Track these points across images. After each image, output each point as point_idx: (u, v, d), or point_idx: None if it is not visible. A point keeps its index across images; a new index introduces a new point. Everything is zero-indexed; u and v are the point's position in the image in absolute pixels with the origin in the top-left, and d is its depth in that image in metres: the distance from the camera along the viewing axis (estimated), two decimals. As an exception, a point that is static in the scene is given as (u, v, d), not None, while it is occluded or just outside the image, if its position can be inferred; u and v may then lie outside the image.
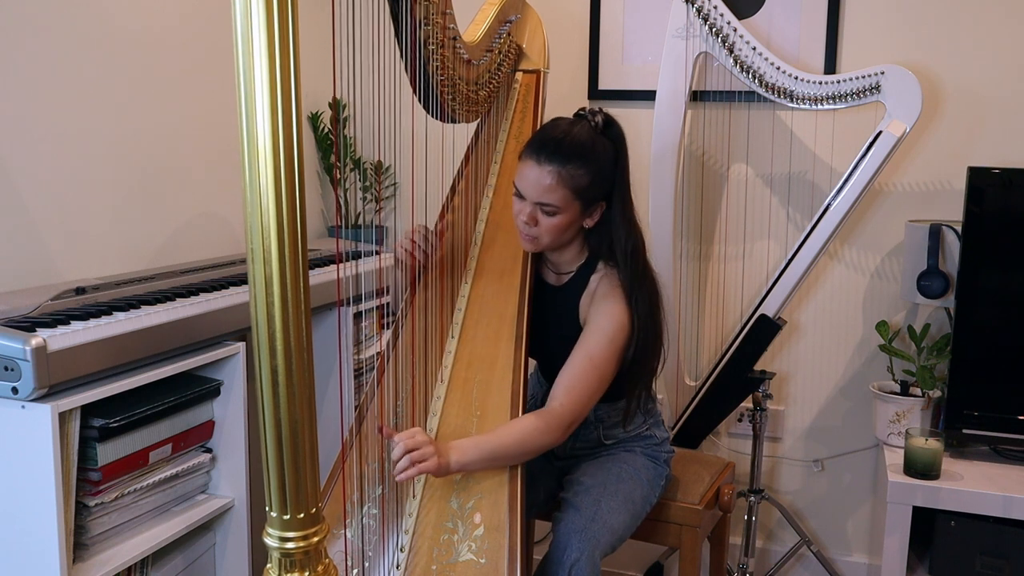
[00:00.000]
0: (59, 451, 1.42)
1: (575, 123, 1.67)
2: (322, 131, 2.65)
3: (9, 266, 1.73)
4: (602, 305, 1.66)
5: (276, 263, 0.92)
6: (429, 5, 1.58)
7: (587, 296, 1.70)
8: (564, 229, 1.67)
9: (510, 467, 1.55)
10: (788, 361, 2.54)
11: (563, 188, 1.61)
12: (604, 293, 1.67)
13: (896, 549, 2.08)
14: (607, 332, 1.63)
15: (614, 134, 1.68)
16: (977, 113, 2.30)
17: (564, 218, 1.65)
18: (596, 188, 1.65)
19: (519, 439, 1.54)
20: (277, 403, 0.97)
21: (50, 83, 1.80)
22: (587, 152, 1.62)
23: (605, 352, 1.62)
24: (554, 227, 1.65)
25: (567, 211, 1.64)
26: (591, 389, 1.62)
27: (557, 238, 1.69)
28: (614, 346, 1.63)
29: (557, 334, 1.73)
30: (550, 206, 1.63)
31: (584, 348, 1.63)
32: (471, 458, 1.50)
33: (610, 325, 1.63)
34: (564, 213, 1.64)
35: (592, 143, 1.64)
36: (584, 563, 1.54)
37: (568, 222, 1.66)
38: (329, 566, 1.06)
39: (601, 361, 1.62)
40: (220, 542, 1.90)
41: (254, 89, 0.89)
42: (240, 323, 1.82)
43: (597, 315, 1.65)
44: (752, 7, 2.41)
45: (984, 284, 2.12)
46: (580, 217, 1.67)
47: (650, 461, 1.81)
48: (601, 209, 1.69)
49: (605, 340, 1.62)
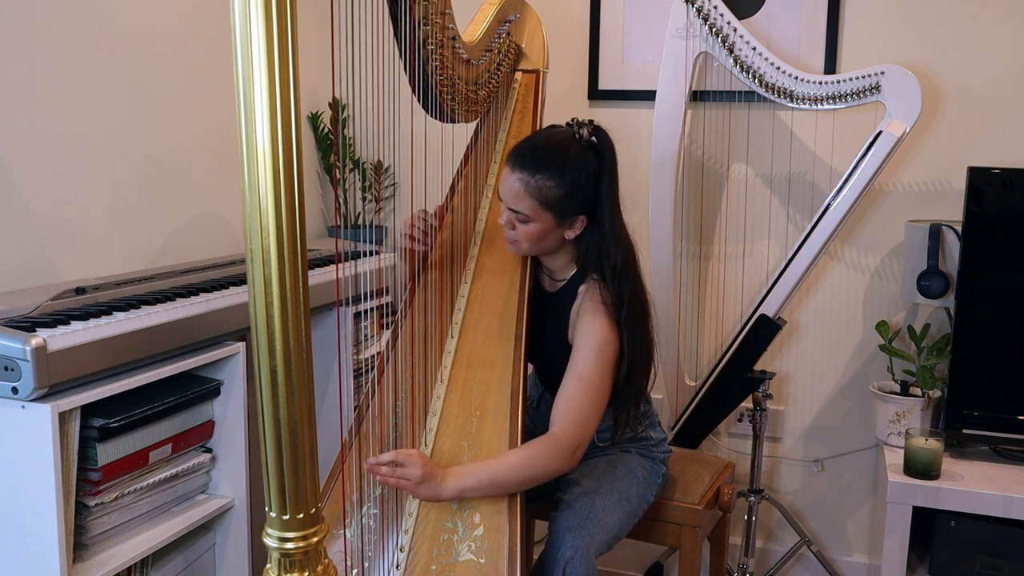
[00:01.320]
0: (59, 451, 1.42)
1: (558, 133, 1.66)
2: (322, 131, 2.65)
3: (9, 266, 1.73)
4: (585, 322, 1.64)
5: (276, 263, 0.93)
6: (428, 5, 1.58)
7: (575, 310, 1.68)
8: (540, 238, 1.66)
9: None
10: (788, 361, 2.54)
11: (530, 198, 1.61)
12: (586, 309, 1.65)
13: (896, 549, 2.08)
14: (593, 348, 1.61)
15: (602, 148, 1.65)
16: (977, 113, 2.30)
17: (537, 227, 1.64)
18: (570, 201, 1.62)
19: (521, 465, 1.52)
20: (277, 403, 0.97)
21: (50, 83, 1.80)
22: (561, 164, 1.61)
23: (595, 368, 1.60)
24: (529, 235, 1.65)
25: (538, 221, 1.64)
26: (588, 408, 1.60)
27: (535, 245, 1.68)
28: (603, 360, 1.61)
29: (553, 339, 1.73)
30: (520, 213, 1.63)
31: (574, 369, 1.62)
32: (469, 484, 1.49)
33: (595, 341, 1.61)
34: (535, 222, 1.64)
35: (567, 155, 1.62)
36: (578, 561, 1.54)
37: (542, 231, 1.65)
38: (329, 566, 1.06)
39: (593, 378, 1.60)
40: (220, 542, 1.90)
41: (253, 89, 0.89)
42: (240, 323, 1.82)
43: (581, 333, 1.64)
44: (752, 7, 2.41)
45: (984, 284, 2.12)
46: (556, 228, 1.66)
47: (646, 460, 1.81)
48: (583, 223, 1.66)
49: (592, 357, 1.61)
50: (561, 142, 1.64)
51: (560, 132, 1.67)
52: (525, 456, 1.53)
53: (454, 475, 1.49)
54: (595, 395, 1.60)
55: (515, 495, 1.52)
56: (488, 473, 1.50)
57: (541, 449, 1.55)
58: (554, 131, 1.68)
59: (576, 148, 1.63)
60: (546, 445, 1.55)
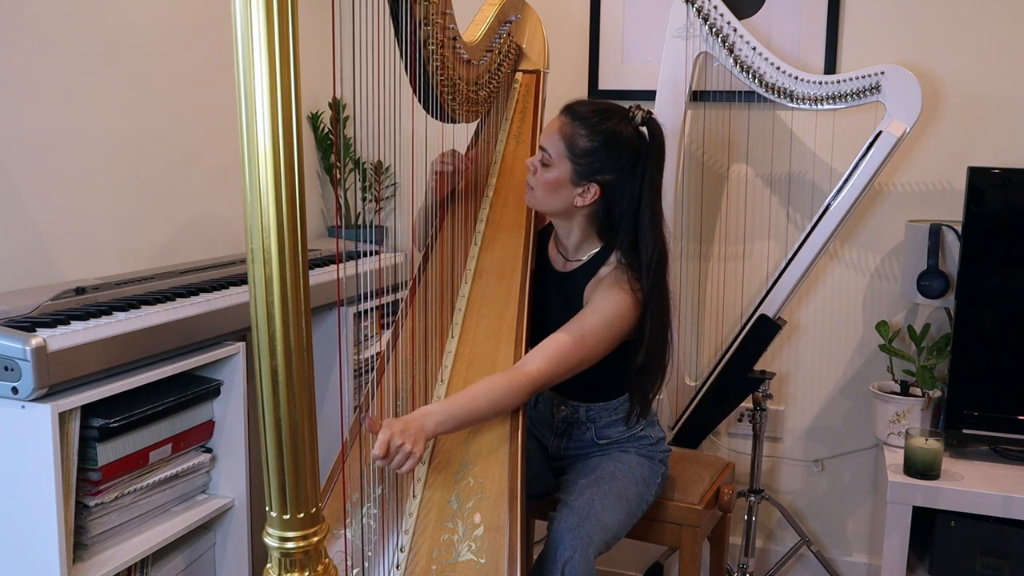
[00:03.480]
0: (59, 451, 1.42)
1: (616, 106, 1.70)
2: (322, 131, 2.65)
3: (9, 266, 1.73)
4: (608, 291, 1.64)
5: (276, 263, 0.93)
6: (429, 5, 1.58)
7: (594, 281, 1.69)
8: (553, 188, 1.67)
9: (510, 467, 1.55)
10: (788, 361, 2.54)
11: (561, 140, 1.65)
12: (612, 282, 1.66)
13: (896, 549, 2.08)
14: (606, 315, 1.62)
15: (649, 135, 1.68)
16: (977, 113, 2.30)
17: (554, 175, 1.66)
18: (593, 161, 1.64)
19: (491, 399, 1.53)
20: (277, 403, 0.97)
21: (50, 83, 1.80)
22: (601, 124, 1.64)
23: (599, 334, 1.61)
24: (545, 182, 1.67)
25: (557, 167, 1.65)
26: (570, 365, 1.60)
27: (546, 196, 1.69)
28: (609, 331, 1.62)
29: (557, 321, 1.70)
30: (545, 152, 1.67)
31: (578, 324, 1.61)
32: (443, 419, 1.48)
33: (611, 310, 1.62)
34: (555, 169, 1.66)
35: (610, 120, 1.65)
36: (577, 561, 1.54)
37: (557, 181, 1.66)
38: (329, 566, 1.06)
39: (592, 341, 1.60)
40: (220, 542, 1.90)
41: (254, 89, 0.89)
42: (240, 323, 1.82)
43: (600, 298, 1.64)
44: (752, 7, 2.41)
45: (984, 284, 2.12)
46: (569, 184, 1.66)
47: (645, 459, 1.81)
48: (595, 194, 1.66)
49: (602, 323, 1.61)
50: (613, 110, 1.68)
51: (619, 106, 1.70)
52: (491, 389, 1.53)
53: (428, 416, 1.47)
54: (583, 358, 1.61)
55: (516, 496, 1.52)
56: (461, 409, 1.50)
57: (509, 384, 1.55)
58: (614, 103, 1.72)
59: (624, 122, 1.66)
60: (515, 380, 1.55)
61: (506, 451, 1.57)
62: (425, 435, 1.44)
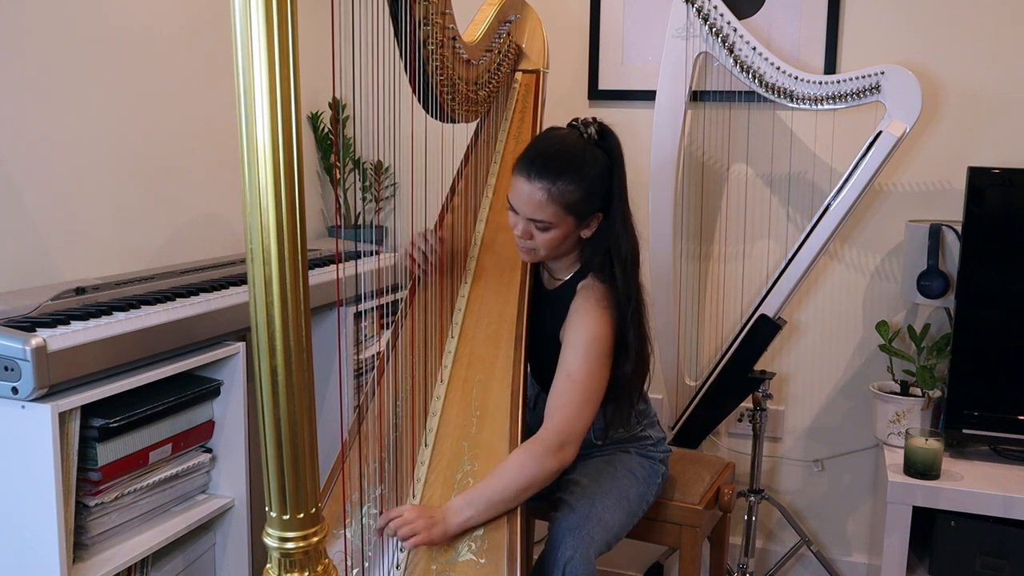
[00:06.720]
0: (59, 451, 1.41)
1: (567, 136, 1.65)
2: (322, 131, 2.65)
3: (9, 266, 1.73)
4: (574, 320, 1.64)
5: (276, 263, 0.93)
6: (428, 5, 1.58)
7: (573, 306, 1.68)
8: (560, 242, 1.65)
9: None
10: (788, 361, 2.54)
11: (554, 204, 1.59)
12: (577, 307, 1.65)
13: (896, 549, 2.08)
14: (581, 345, 1.60)
15: (608, 145, 1.65)
16: (977, 113, 2.30)
17: (558, 232, 1.63)
18: (589, 201, 1.62)
19: (513, 478, 1.51)
20: (277, 403, 0.97)
21: (50, 83, 1.80)
22: (578, 166, 1.60)
23: (583, 366, 1.59)
24: (548, 241, 1.64)
25: (560, 226, 1.62)
26: (576, 406, 1.58)
27: (554, 250, 1.68)
28: (591, 357, 1.60)
29: (550, 338, 1.71)
30: (542, 222, 1.62)
31: (563, 368, 1.61)
32: (468, 514, 1.48)
33: (583, 338, 1.61)
34: (557, 228, 1.62)
35: (583, 158, 1.61)
36: (578, 561, 1.54)
37: (563, 235, 1.64)
38: (329, 566, 1.06)
39: (581, 376, 1.59)
40: (220, 542, 1.90)
41: (254, 89, 0.89)
42: (240, 323, 1.82)
43: (570, 331, 1.63)
44: (752, 7, 2.41)
45: (984, 284, 2.12)
46: (575, 230, 1.65)
47: (645, 459, 1.81)
48: (598, 220, 1.66)
49: (581, 354, 1.60)
50: (573, 144, 1.63)
51: (568, 134, 1.66)
52: (514, 468, 1.52)
53: (451, 510, 1.49)
54: (584, 393, 1.59)
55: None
56: (482, 496, 1.50)
57: (529, 455, 1.53)
58: (560, 134, 1.67)
59: (588, 148, 1.63)
60: (533, 449, 1.54)
61: (506, 451, 1.57)
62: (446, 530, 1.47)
